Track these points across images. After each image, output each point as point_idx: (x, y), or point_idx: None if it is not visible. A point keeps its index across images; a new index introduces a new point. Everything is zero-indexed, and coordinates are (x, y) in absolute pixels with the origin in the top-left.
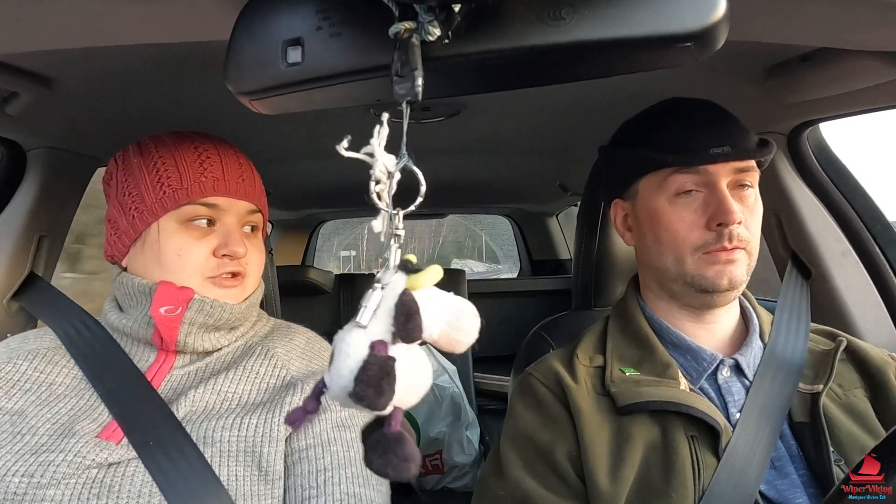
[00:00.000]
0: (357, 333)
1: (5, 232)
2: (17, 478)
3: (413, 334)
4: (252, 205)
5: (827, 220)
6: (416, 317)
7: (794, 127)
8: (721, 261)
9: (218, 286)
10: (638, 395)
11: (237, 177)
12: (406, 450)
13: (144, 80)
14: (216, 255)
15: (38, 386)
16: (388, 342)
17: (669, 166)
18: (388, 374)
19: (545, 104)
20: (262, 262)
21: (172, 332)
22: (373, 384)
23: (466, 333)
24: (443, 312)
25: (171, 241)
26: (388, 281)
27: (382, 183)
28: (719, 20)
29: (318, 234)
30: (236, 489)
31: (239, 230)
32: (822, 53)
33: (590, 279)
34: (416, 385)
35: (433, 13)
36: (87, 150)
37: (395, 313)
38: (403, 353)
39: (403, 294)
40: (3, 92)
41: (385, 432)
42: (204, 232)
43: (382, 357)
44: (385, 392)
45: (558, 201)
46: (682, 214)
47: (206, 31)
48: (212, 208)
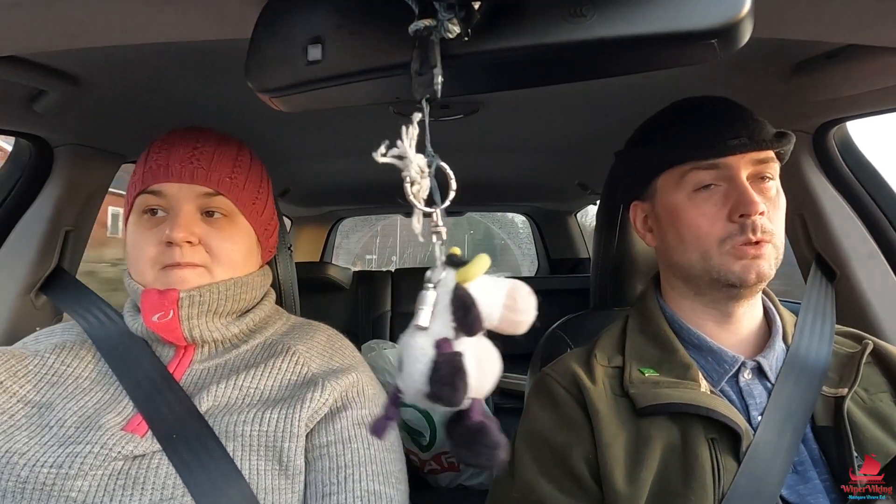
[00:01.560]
0: (420, 336)
1: (33, 226)
2: (45, 468)
3: (474, 327)
4: (206, 188)
5: (853, 221)
6: (473, 309)
7: (820, 125)
8: (748, 255)
9: (168, 274)
10: (657, 397)
11: (184, 160)
12: (492, 437)
13: (167, 79)
14: (164, 244)
15: (64, 379)
16: (451, 338)
17: (687, 161)
18: (459, 370)
19: (565, 102)
20: (236, 249)
21: (175, 333)
22: (447, 382)
23: (525, 312)
24: (498, 298)
25: (131, 235)
26: (438, 278)
27: (417, 183)
28: (743, 16)
29: (336, 231)
30: (258, 483)
31: (190, 216)
32: (848, 50)
33: (608, 279)
34: (487, 373)
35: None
36: (111, 147)
37: (452, 309)
38: (469, 346)
39: (457, 289)
40: (32, 90)
41: (468, 424)
42: (155, 222)
43: (449, 354)
44: (459, 388)
45: (577, 200)
46: (703, 209)
47: (228, 30)
48: (158, 196)
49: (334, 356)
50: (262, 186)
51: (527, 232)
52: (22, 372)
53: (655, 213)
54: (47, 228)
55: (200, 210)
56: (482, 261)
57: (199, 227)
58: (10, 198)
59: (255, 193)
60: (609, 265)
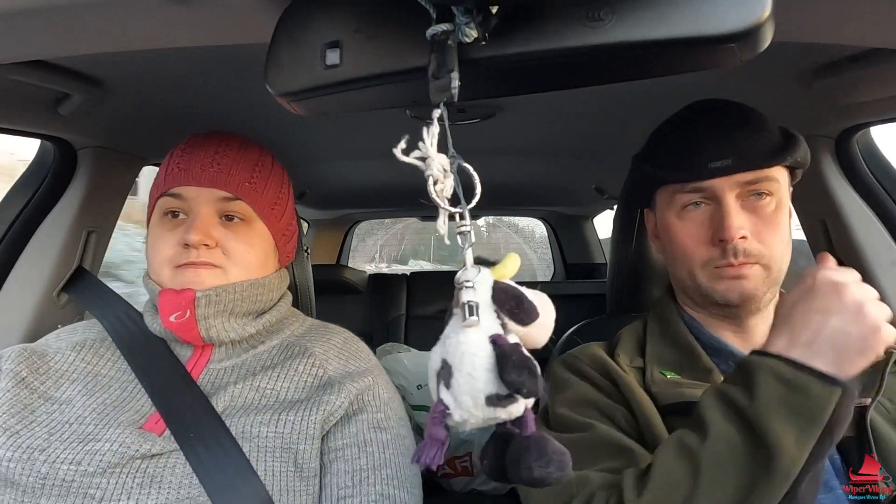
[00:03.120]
0: (472, 332)
1: (56, 227)
2: (65, 465)
3: (531, 315)
4: (225, 192)
5: (876, 228)
6: (525, 298)
7: (843, 130)
8: (729, 276)
9: (183, 273)
10: (681, 396)
11: (205, 164)
12: (555, 444)
13: (188, 82)
14: (181, 245)
15: (84, 376)
16: (502, 333)
17: (669, 183)
18: (528, 357)
19: (582, 106)
20: (252, 252)
21: (192, 333)
22: (524, 368)
23: (552, 319)
24: (532, 301)
25: (151, 235)
26: (473, 278)
27: (441, 182)
28: (765, 20)
29: (352, 234)
30: (273, 484)
31: (208, 219)
32: (872, 54)
33: (625, 284)
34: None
35: (470, 15)
36: (133, 150)
37: (499, 303)
38: (518, 341)
39: (499, 284)
40: (57, 93)
41: (527, 436)
42: (175, 224)
43: (512, 345)
44: (536, 374)
45: (594, 204)
46: (689, 229)
47: (248, 35)
48: (179, 199)
49: (350, 359)
50: (281, 192)
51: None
52: (43, 368)
53: (658, 224)
54: (70, 229)
55: (219, 214)
56: (514, 259)
57: (217, 231)
58: (34, 199)
59: (274, 199)
60: (625, 270)
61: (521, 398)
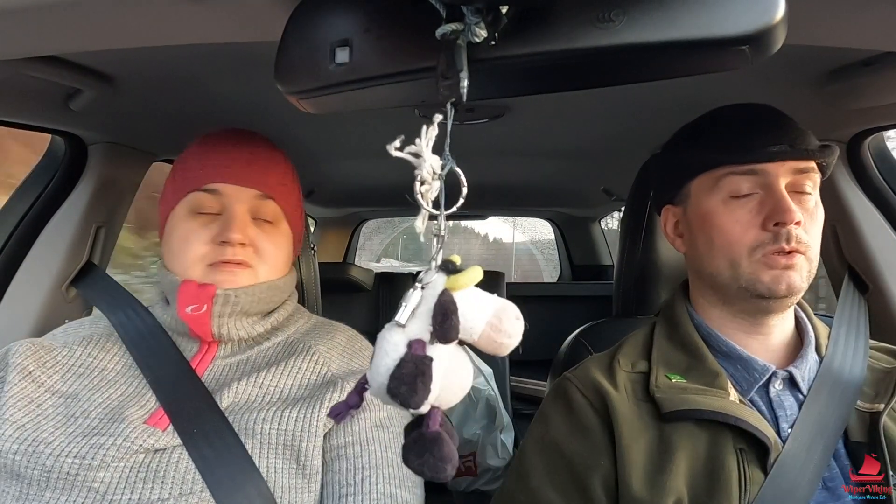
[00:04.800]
0: (396, 332)
1: (66, 222)
2: (69, 459)
3: (449, 334)
4: (260, 192)
5: (887, 233)
6: (452, 317)
7: (855, 134)
8: (780, 265)
9: (217, 273)
10: (684, 403)
11: (244, 163)
12: (444, 450)
13: (198, 79)
14: (216, 242)
15: (91, 371)
16: (426, 342)
17: (724, 165)
18: (423, 373)
19: (591, 107)
20: (278, 253)
21: (205, 327)
22: (406, 382)
23: (508, 336)
24: (483, 314)
25: (178, 229)
26: (428, 280)
27: (428, 184)
28: (777, 23)
29: (359, 233)
30: (275, 481)
31: (243, 218)
32: (885, 58)
33: (632, 286)
34: (454, 386)
35: (480, 15)
36: (143, 146)
37: (433, 313)
38: (442, 354)
39: (443, 294)
40: (68, 89)
41: (423, 432)
42: (208, 220)
43: (418, 356)
44: (418, 390)
45: (602, 206)
46: (737, 215)
47: (258, 33)
48: (215, 195)
49: (354, 357)
50: (300, 194)
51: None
52: (50, 363)
53: (687, 217)
54: (79, 224)
55: (252, 213)
56: (474, 272)
57: (251, 230)
58: (45, 193)
59: (297, 201)
60: (633, 272)
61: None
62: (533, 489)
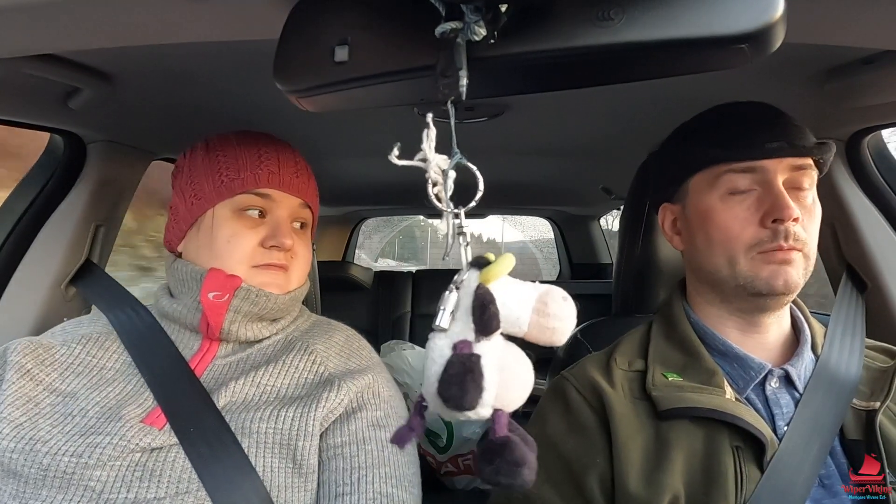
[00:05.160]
0: (439, 338)
1: (65, 220)
2: (66, 457)
3: (490, 325)
4: (303, 201)
5: (886, 231)
6: (490, 306)
7: (854, 133)
8: (776, 261)
9: (262, 275)
10: (681, 401)
11: (292, 172)
12: (516, 454)
13: (197, 78)
14: (264, 246)
15: (89, 369)
16: (471, 341)
17: (722, 162)
18: (472, 370)
19: (590, 106)
20: (308, 259)
21: (218, 318)
22: (455, 382)
23: (559, 318)
24: (526, 301)
25: (224, 227)
26: (462, 279)
27: (439, 184)
28: (776, 21)
29: (359, 231)
30: (271, 480)
31: (289, 224)
32: (885, 56)
33: (631, 285)
34: (514, 383)
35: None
36: (142, 144)
37: (472, 308)
38: (491, 350)
39: (478, 288)
40: (67, 87)
41: (491, 438)
42: (255, 222)
43: (464, 354)
44: (469, 389)
45: (601, 205)
46: (735, 211)
47: (257, 31)
48: (265, 199)
49: (352, 357)
50: None
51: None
52: (49, 361)
53: (685, 215)
54: (78, 223)
55: (292, 220)
56: (506, 260)
57: (293, 235)
58: (43, 192)
59: (317, 207)
60: (632, 270)
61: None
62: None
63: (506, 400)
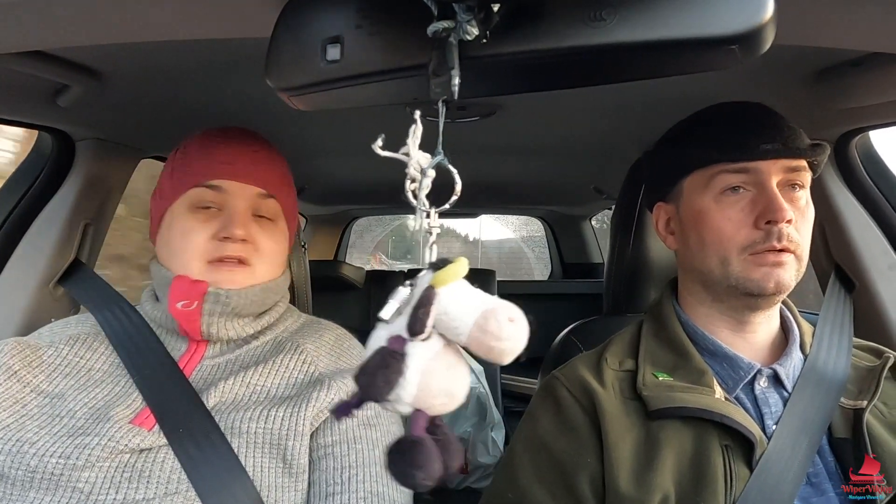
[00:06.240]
0: (380, 328)
1: (53, 219)
2: (54, 458)
3: (414, 326)
4: (262, 190)
5: (874, 232)
6: (421, 309)
7: (842, 134)
8: (768, 262)
9: (218, 270)
10: (671, 400)
11: (248, 161)
12: (418, 457)
13: (188, 76)
14: (217, 238)
15: (77, 370)
16: (406, 338)
17: (716, 162)
18: (387, 366)
19: (582, 106)
20: (276, 250)
21: (194, 325)
22: (369, 372)
23: (496, 338)
24: (470, 313)
25: (179, 224)
26: (419, 277)
27: (417, 181)
28: (766, 22)
29: (350, 230)
30: (261, 480)
31: (245, 215)
32: (874, 58)
33: (622, 284)
34: (435, 387)
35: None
36: (132, 142)
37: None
38: (421, 352)
39: (426, 289)
40: (56, 84)
41: (404, 436)
42: (210, 215)
43: (388, 349)
44: (378, 383)
45: (593, 204)
46: (728, 213)
47: (248, 28)
48: (217, 192)
49: (342, 356)
50: (295, 193)
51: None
52: (36, 362)
53: (679, 215)
54: (67, 221)
55: (252, 211)
56: (457, 266)
57: (252, 227)
58: (31, 190)
59: (294, 199)
60: (623, 270)
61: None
62: (521, 487)
63: (425, 402)
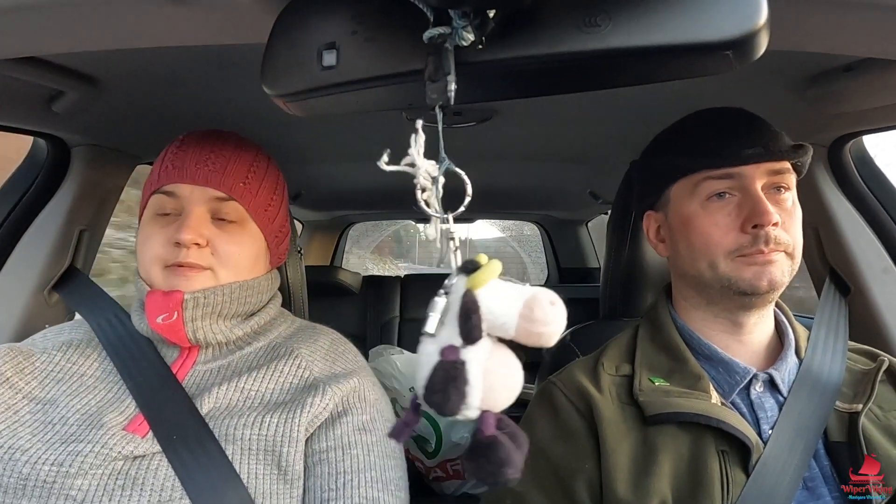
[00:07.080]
0: (427, 343)
1: (48, 225)
2: (46, 466)
3: (472, 334)
4: (218, 192)
5: (868, 236)
6: (473, 316)
7: (836, 139)
8: (759, 262)
9: (174, 275)
10: (667, 406)
11: (201, 163)
12: (499, 454)
13: (184, 82)
14: (171, 244)
15: (70, 376)
16: (458, 346)
17: (700, 169)
18: (455, 378)
19: (578, 111)
20: (242, 254)
21: (179, 334)
22: (438, 389)
23: (544, 323)
24: (513, 306)
25: (142, 232)
26: (451, 284)
27: (428, 189)
28: (759, 28)
29: (346, 236)
30: (256, 487)
31: (201, 219)
32: (866, 64)
33: (618, 289)
34: (499, 384)
35: (467, 18)
36: (127, 148)
37: (458, 316)
38: (476, 355)
39: (465, 294)
40: (51, 90)
41: (478, 438)
42: (166, 222)
43: (449, 361)
44: (451, 396)
45: (588, 209)
46: (715, 218)
47: (244, 35)
48: (172, 197)
49: (337, 361)
50: (275, 194)
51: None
52: (28, 369)
53: (668, 223)
54: (62, 227)
55: (212, 214)
56: (492, 266)
57: (208, 230)
58: (26, 196)
59: (268, 201)
60: (619, 275)
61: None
62: (519, 493)
63: (491, 402)
